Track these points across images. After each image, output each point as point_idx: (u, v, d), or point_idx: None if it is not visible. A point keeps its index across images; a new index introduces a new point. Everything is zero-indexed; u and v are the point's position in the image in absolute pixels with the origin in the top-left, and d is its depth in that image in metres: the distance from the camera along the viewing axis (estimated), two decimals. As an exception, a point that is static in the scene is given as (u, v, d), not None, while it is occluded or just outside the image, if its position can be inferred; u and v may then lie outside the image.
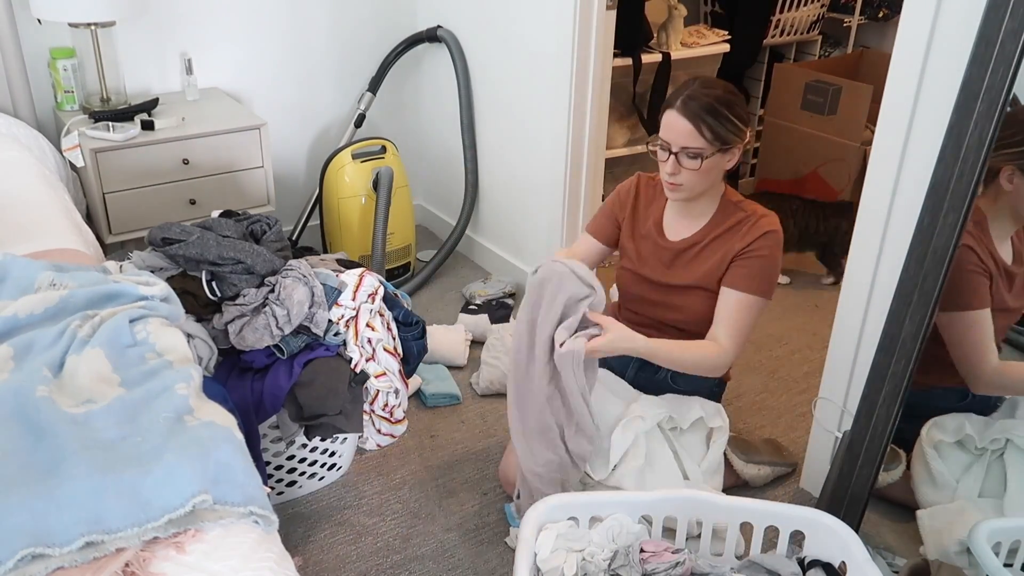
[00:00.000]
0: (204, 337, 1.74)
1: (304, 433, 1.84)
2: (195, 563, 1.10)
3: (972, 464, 1.81)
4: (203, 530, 1.14)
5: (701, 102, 1.71)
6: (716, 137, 1.72)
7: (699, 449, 1.89)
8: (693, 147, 1.72)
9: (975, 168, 1.42)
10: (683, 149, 1.73)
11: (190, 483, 1.13)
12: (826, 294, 3.00)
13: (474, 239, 3.17)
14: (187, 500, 1.11)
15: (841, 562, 1.55)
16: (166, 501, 1.11)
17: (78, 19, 2.38)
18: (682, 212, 1.90)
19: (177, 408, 1.26)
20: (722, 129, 1.72)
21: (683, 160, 1.74)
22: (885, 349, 1.60)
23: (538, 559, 1.53)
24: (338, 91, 3.11)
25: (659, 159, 1.80)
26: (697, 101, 1.71)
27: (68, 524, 1.07)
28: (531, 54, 2.63)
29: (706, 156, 1.73)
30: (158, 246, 1.83)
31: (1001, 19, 1.35)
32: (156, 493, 1.11)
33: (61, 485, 1.10)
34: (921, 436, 1.87)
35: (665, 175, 1.79)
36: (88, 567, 1.06)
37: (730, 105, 1.73)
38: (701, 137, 1.72)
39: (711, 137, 1.72)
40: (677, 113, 1.73)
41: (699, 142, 1.72)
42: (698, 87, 1.74)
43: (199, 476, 1.14)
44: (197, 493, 1.12)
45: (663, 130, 1.77)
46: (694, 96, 1.72)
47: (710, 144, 1.72)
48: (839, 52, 3.88)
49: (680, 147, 1.73)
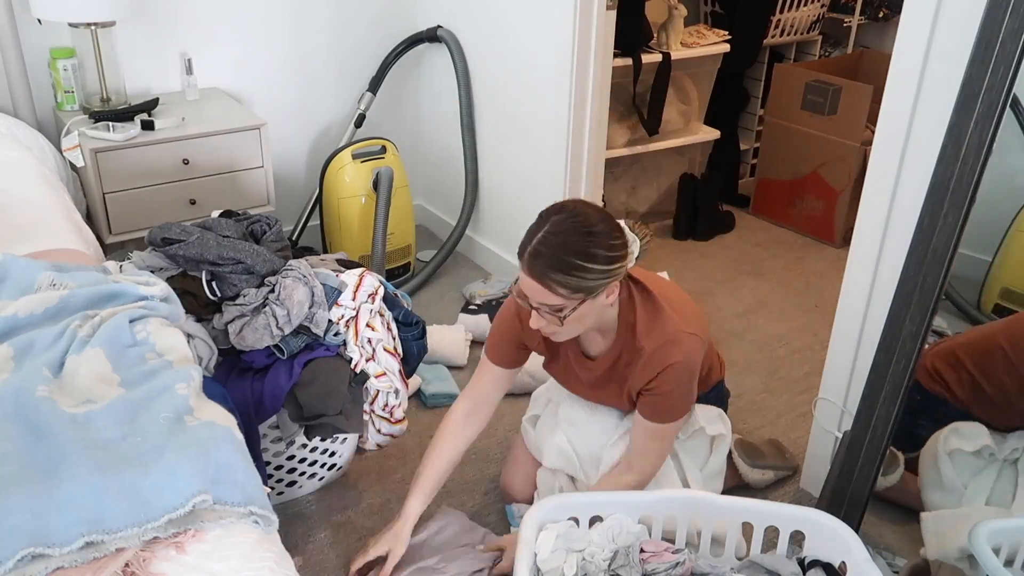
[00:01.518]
0: (204, 337, 1.74)
1: (304, 433, 1.84)
2: (195, 563, 1.10)
3: (983, 469, 1.80)
4: (203, 530, 1.14)
5: (546, 258, 1.47)
6: (575, 291, 1.49)
7: (702, 453, 1.88)
8: (549, 304, 1.52)
9: (975, 168, 1.42)
10: (541, 305, 1.53)
11: (190, 483, 1.13)
12: (826, 294, 3.00)
13: (474, 239, 3.17)
14: (187, 500, 1.11)
15: (841, 562, 1.55)
16: (166, 501, 1.11)
17: (78, 19, 2.38)
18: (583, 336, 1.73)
19: (177, 408, 1.26)
20: (577, 282, 1.48)
21: (545, 315, 1.54)
22: (885, 349, 1.60)
23: (538, 559, 1.53)
24: (338, 91, 3.11)
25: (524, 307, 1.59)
26: (542, 258, 1.47)
27: (68, 524, 1.07)
28: (531, 54, 2.63)
29: (566, 313, 1.52)
30: (158, 246, 1.83)
31: (1001, 19, 1.35)
32: (156, 493, 1.12)
33: (61, 485, 1.10)
34: (937, 440, 1.85)
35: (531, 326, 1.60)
36: (88, 567, 1.06)
37: (584, 252, 1.47)
38: (555, 295, 1.49)
39: (567, 293, 1.49)
40: (524, 271, 1.51)
41: (555, 299, 1.50)
42: (548, 232, 1.48)
43: (199, 476, 1.14)
44: (197, 493, 1.12)
45: (520, 280, 1.56)
46: (539, 251, 1.48)
47: (568, 299, 1.50)
48: (839, 52, 3.88)
49: (537, 303, 1.53)
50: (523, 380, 2.36)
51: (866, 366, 1.67)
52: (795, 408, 2.42)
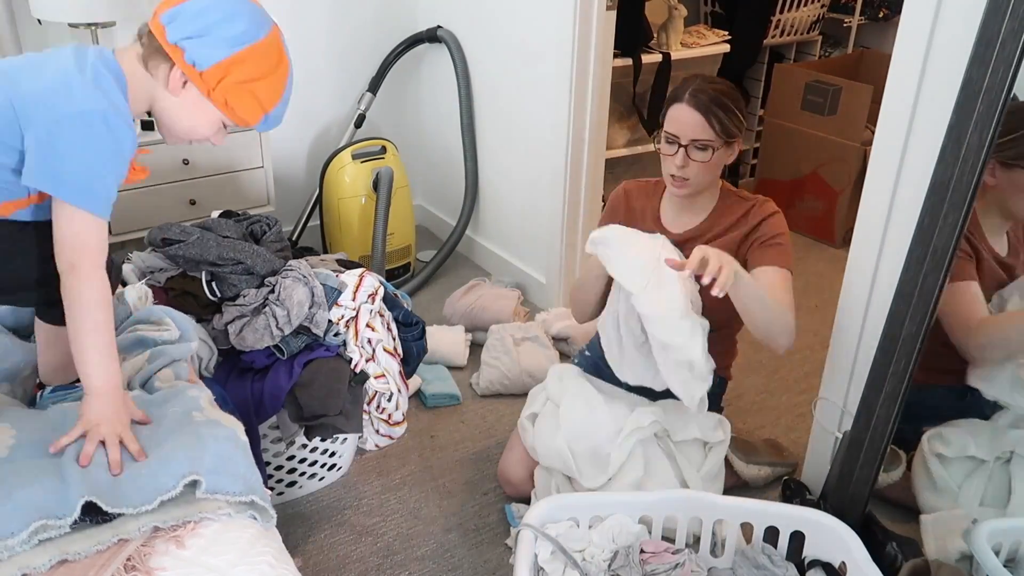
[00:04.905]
0: (204, 337, 1.74)
1: (304, 433, 1.84)
2: (193, 557, 1.11)
3: (975, 470, 1.80)
4: (201, 524, 1.15)
5: (709, 95, 1.73)
6: (724, 130, 1.74)
7: (698, 455, 1.88)
8: (703, 139, 1.74)
9: (975, 168, 1.42)
10: (692, 142, 1.75)
11: (181, 465, 1.17)
12: (826, 294, 3.00)
13: (474, 239, 3.17)
14: (177, 482, 1.15)
15: (841, 562, 1.55)
16: (159, 483, 1.15)
17: (78, 19, 2.38)
18: (682, 206, 1.90)
19: (187, 405, 1.31)
20: (728, 122, 1.74)
21: (692, 153, 1.76)
22: (885, 349, 1.60)
23: (539, 559, 1.53)
24: (338, 91, 3.11)
25: (666, 153, 1.80)
26: (705, 94, 1.74)
27: (72, 500, 1.11)
28: (531, 54, 2.63)
29: (715, 148, 1.75)
30: (158, 246, 1.83)
31: (1001, 19, 1.34)
32: (150, 479, 1.16)
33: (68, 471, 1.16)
34: (922, 443, 1.86)
35: (673, 169, 1.79)
36: (92, 561, 1.07)
37: (735, 99, 1.77)
38: (711, 129, 1.73)
39: (719, 129, 1.74)
40: (686, 106, 1.74)
41: (709, 134, 1.74)
42: (702, 82, 1.76)
43: (190, 461, 1.18)
44: (187, 474, 1.16)
45: (670, 124, 1.78)
46: (701, 90, 1.74)
47: (718, 136, 1.75)
48: (839, 52, 3.88)
49: (690, 139, 1.75)
50: (522, 380, 2.36)
51: (866, 366, 1.67)
52: (795, 408, 2.42)
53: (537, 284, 2.88)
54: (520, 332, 2.47)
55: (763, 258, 1.80)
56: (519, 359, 2.40)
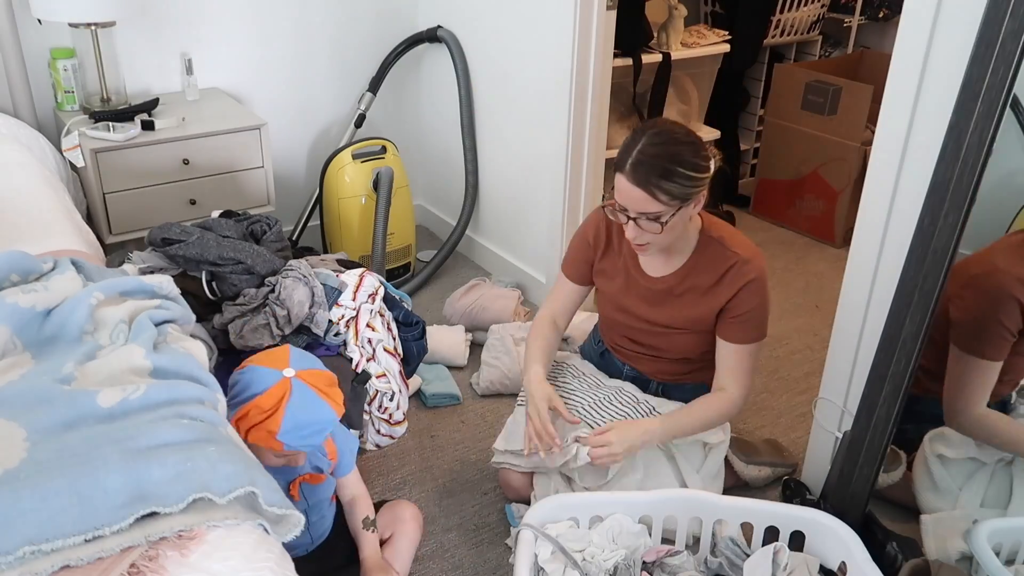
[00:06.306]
0: (204, 337, 1.74)
1: (304, 433, 1.84)
2: (195, 563, 1.10)
3: (976, 472, 1.80)
4: (204, 531, 1.14)
5: (648, 165, 1.60)
6: (673, 197, 1.61)
7: (698, 455, 1.88)
8: (650, 212, 1.63)
9: (975, 168, 1.42)
10: (640, 215, 1.64)
11: (240, 478, 1.15)
12: (826, 294, 3.00)
13: (474, 239, 3.17)
14: (183, 497, 1.12)
15: (841, 562, 1.55)
16: (164, 492, 1.12)
17: (78, 19, 2.38)
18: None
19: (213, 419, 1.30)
20: (677, 188, 1.61)
21: (643, 224, 1.65)
22: (885, 349, 1.60)
23: (539, 559, 1.53)
24: (338, 91, 3.11)
25: (618, 221, 1.72)
26: (644, 165, 1.60)
27: (115, 506, 1.09)
28: (531, 54, 2.63)
29: (666, 219, 1.64)
30: (158, 246, 1.83)
31: (1001, 19, 1.34)
32: (157, 486, 1.13)
33: (96, 473, 1.12)
34: (924, 444, 1.86)
35: (629, 238, 1.71)
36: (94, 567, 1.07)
37: (681, 160, 1.61)
38: (657, 202, 1.61)
39: (667, 199, 1.61)
40: (627, 180, 1.62)
41: (656, 207, 1.62)
42: (646, 144, 1.61)
43: (197, 478, 1.15)
44: (196, 491, 1.13)
45: (616, 194, 1.66)
46: (641, 160, 1.60)
47: (668, 205, 1.62)
48: (839, 52, 3.88)
49: (637, 213, 1.64)
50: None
51: (866, 366, 1.67)
52: (795, 408, 2.42)
53: (537, 284, 2.88)
54: (520, 332, 2.47)
55: (728, 334, 1.79)
56: (519, 359, 2.40)
